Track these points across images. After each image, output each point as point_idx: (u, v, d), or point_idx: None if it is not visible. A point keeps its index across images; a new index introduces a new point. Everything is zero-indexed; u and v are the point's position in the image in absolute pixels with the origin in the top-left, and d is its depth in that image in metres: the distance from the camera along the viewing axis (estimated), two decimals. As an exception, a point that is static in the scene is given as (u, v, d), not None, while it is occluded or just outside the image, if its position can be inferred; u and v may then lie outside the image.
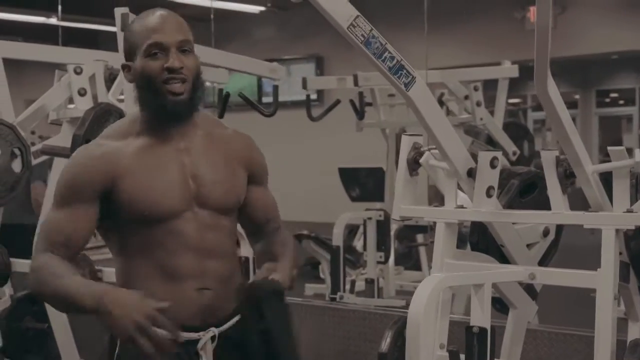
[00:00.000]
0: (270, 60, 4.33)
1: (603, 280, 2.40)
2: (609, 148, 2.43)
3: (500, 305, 2.94)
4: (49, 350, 4.25)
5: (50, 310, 3.66)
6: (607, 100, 11.66)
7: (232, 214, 2.08)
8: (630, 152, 2.43)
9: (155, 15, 1.98)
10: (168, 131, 2.00)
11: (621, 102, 11.59)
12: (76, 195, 1.95)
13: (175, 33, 1.94)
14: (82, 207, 1.95)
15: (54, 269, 1.91)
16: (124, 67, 2.02)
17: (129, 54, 1.99)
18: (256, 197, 2.15)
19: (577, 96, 11.50)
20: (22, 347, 4.27)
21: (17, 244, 3.55)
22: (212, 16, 6.44)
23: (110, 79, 3.57)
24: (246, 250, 3.41)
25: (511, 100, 7.56)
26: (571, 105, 11.61)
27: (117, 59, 3.23)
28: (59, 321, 3.68)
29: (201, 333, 1.98)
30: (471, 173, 2.63)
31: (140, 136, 2.00)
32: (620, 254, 2.53)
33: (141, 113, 2.01)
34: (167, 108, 1.94)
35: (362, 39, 2.35)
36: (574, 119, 9.17)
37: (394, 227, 5.00)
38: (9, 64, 3.59)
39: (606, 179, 2.56)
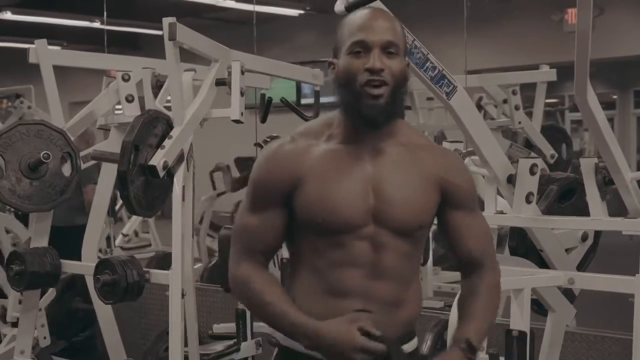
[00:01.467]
0: (310, 62, 4.38)
1: (641, 285, 2.44)
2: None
3: (538, 307, 2.99)
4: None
5: (99, 313, 3.75)
6: (646, 100, 11.56)
7: (415, 237, 1.90)
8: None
9: (366, 13, 1.88)
10: (361, 137, 1.87)
11: (660, 102, 11.50)
12: (268, 197, 1.89)
13: (382, 33, 1.82)
14: (274, 210, 1.88)
15: (261, 288, 1.88)
16: (329, 64, 1.90)
17: (335, 52, 1.88)
18: (456, 224, 1.94)
19: (615, 97, 11.42)
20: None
21: (69, 245, 3.66)
22: (254, 20, 6.50)
23: (157, 86, 3.64)
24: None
25: (548, 101, 7.54)
26: (609, 106, 11.54)
27: (164, 66, 3.33)
28: (107, 324, 3.77)
29: None
30: (511, 179, 2.69)
31: (331, 139, 1.89)
32: (658, 259, 2.57)
33: (338, 114, 1.90)
34: (362, 111, 1.82)
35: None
36: (611, 120, 9.13)
37: (432, 228, 5.03)
38: (54, 67, 3.66)
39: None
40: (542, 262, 2.89)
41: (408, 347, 1.91)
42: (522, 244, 2.90)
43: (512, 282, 2.50)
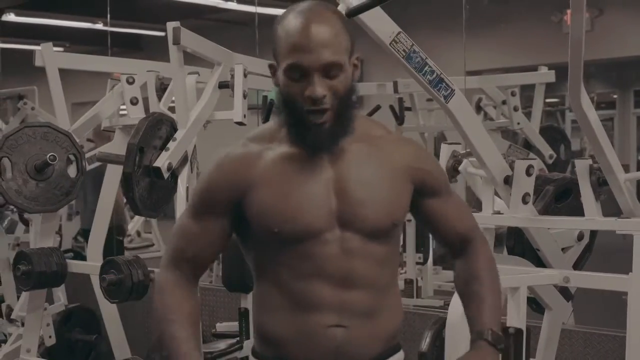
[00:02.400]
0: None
1: (634, 283, 2.50)
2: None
3: (536, 305, 3.05)
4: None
5: (104, 312, 3.81)
6: (646, 100, 11.59)
7: (388, 239, 1.74)
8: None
9: (302, 21, 1.63)
10: None
11: (660, 101, 11.52)
12: (211, 205, 1.74)
13: (319, 52, 1.60)
14: (215, 220, 1.73)
15: (171, 303, 1.75)
16: (270, 66, 1.72)
17: (274, 55, 1.69)
18: (435, 211, 1.81)
19: (615, 96, 11.44)
20: (69, 355, 4.47)
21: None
22: (256, 22, 6.54)
23: (161, 89, 3.70)
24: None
25: (549, 100, 7.60)
26: (609, 105, 11.56)
27: (168, 69, 3.39)
28: (112, 323, 3.83)
29: None
30: (508, 180, 2.75)
31: (284, 142, 1.71)
32: (652, 258, 2.63)
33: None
34: (307, 138, 1.66)
35: (404, 53, 2.47)
36: (611, 120, 9.14)
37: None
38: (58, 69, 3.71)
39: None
40: (539, 261, 2.95)
41: None
42: (519, 243, 2.95)
43: (509, 281, 2.56)
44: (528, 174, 2.70)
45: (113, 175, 3.72)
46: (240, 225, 1.75)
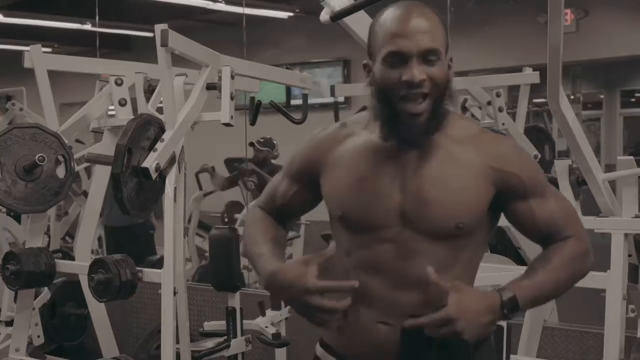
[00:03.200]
0: (299, 64, 4.46)
1: (612, 281, 2.56)
2: (618, 158, 2.59)
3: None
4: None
5: (92, 311, 3.84)
6: (632, 100, 11.66)
7: (454, 241, 1.67)
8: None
9: (400, 13, 1.66)
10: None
11: (646, 102, 11.60)
12: (295, 175, 1.85)
13: (419, 39, 1.61)
14: (296, 186, 1.85)
15: (257, 229, 1.85)
16: (364, 66, 1.73)
17: (370, 53, 1.71)
18: (522, 213, 1.71)
19: (601, 96, 11.52)
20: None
21: (122, 245, 3.71)
22: (244, 23, 6.58)
23: (149, 90, 3.73)
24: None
25: (536, 101, 7.65)
26: (596, 105, 11.65)
27: (155, 70, 3.42)
28: (100, 322, 3.86)
29: None
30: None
31: (373, 132, 1.71)
32: (630, 256, 2.69)
33: None
34: (400, 130, 1.64)
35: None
36: (598, 120, 9.22)
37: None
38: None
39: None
40: (521, 260, 3.00)
41: None
42: (501, 242, 3.01)
43: (490, 278, 2.60)
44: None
45: (102, 176, 3.75)
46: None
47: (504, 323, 2.58)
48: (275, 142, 6.63)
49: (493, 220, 1.76)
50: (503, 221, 1.80)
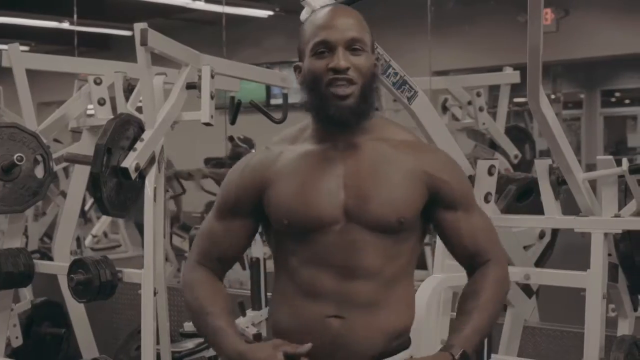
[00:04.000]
0: (279, 63, 4.45)
1: (592, 280, 2.57)
2: (597, 158, 2.60)
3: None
4: (65, 354, 4.44)
5: (72, 312, 3.82)
6: (612, 99, 11.75)
7: (397, 234, 1.75)
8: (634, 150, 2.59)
9: (327, 11, 1.78)
10: (335, 137, 1.77)
11: (626, 101, 11.68)
12: (231, 209, 1.85)
13: (345, 30, 1.72)
14: (239, 220, 1.84)
15: (206, 295, 1.84)
16: (295, 68, 1.81)
17: (300, 54, 1.79)
18: (448, 224, 1.80)
19: (582, 96, 11.59)
20: (39, 352, 4.46)
21: None
22: (224, 22, 6.57)
23: (128, 90, 3.71)
24: (257, 250, 3.59)
25: (517, 100, 7.69)
26: (576, 105, 11.72)
27: (135, 69, 3.40)
28: (79, 323, 3.84)
29: None
30: (470, 180, 2.80)
31: (305, 142, 1.81)
32: (610, 255, 2.70)
33: (311, 117, 1.81)
34: (329, 113, 1.72)
35: (367, 55, 2.51)
36: (578, 119, 9.25)
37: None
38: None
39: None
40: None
41: None
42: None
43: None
44: (490, 173, 2.76)
45: (80, 175, 3.72)
46: (263, 220, 1.84)
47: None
48: (254, 143, 6.57)
49: (425, 226, 1.85)
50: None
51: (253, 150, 6.48)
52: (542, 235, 3.11)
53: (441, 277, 2.64)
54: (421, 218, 1.80)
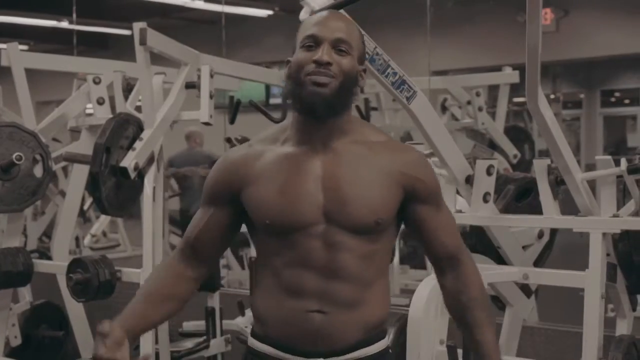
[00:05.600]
0: (279, 62, 4.45)
1: (590, 280, 2.57)
2: (596, 158, 2.60)
3: (501, 303, 3.11)
4: (63, 356, 4.44)
5: (70, 312, 3.82)
6: (612, 99, 11.74)
7: (374, 236, 1.84)
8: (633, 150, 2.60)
9: (323, 13, 1.91)
10: (313, 138, 1.83)
11: (626, 101, 11.68)
12: (211, 198, 1.92)
13: (334, 30, 1.81)
14: (214, 211, 1.91)
15: (147, 280, 2.01)
16: (286, 62, 1.88)
17: (293, 51, 1.86)
18: (424, 219, 1.89)
19: (581, 96, 11.59)
20: (37, 354, 4.46)
21: None
22: (223, 21, 6.56)
23: (127, 89, 3.71)
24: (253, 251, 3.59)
25: (516, 100, 7.68)
26: (576, 105, 11.71)
27: (134, 69, 3.40)
28: (78, 322, 3.84)
29: None
30: (469, 180, 2.80)
31: (285, 143, 1.87)
32: (608, 255, 2.70)
33: (293, 117, 1.88)
34: (304, 97, 1.79)
35: (367, 56, 2.51)
36: (578, 119, 9.22)
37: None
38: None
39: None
40: (500, 259, 3.00)
41: (371, 350, 1.87)
42: (480, 241, 3.01)
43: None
44: (488, 173, 2.76)
45: (80, 175, 3.73)
46: (245, 217, 1.90)
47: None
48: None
49: (399, 223, 1.93)
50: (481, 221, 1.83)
51: None
52: (540, 235, 3.10)
53: (440, 277, 2.63)
54: (395, 217, 1.88)
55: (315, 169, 1.82)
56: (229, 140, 6.45)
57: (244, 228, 1.96)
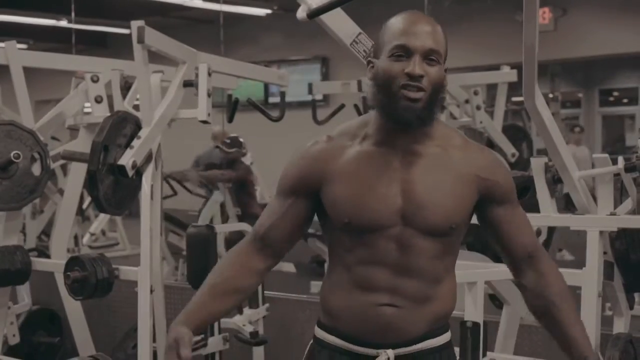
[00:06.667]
0: (277, 61, 4.46)
1: (587, 278, 2.57)
2: (593, 156, 2.61)
3: (499, 301, 3.11)
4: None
5: (68, 310, 3.81)
6: (611, 99, 11.77)
7: (446, 238, 1.87)
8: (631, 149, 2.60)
9: (410, 17, 1.86)
10: (395, 140, 1.86)
11: (624, 100, 11.71)
12: (290, 190, 1.93)
13: (424, 39, 1.81)
14: (292, 202, 1.93)
15: (212, 272, 1.97)
16: (368, 62, 1.90)
17: (376, 51, 1.89)
18: (501, 219, 1.92)
19: (580, 95, 11.61)
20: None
21: None
22: (221, 20, 6.56)
23: (125, 87, 3.71)
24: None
25: (515, 99, 7.70)
26: (574, 104, 11.74)
27: (132, 67, 3.40)
28: (76, 320, 3.84)
29: (380, 351, 1.87)
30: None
31: (365, 140, 1.89)
32: (605, 253, 2.70)
33: (374, 115, 1.89)
34: (398, 112, 1.80)
35: (364, 54, 2.53)
36: (577, 118, 9.25)
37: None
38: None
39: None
40: (498, 257, 3.00)
41: (435, 342, 1.91)
42: (478, 239, 3.01)
43: (467, 276, 2.62)
44: (486, 172, 2.76)
45: (78, 173, 3.73)
46: (320, 211, 1.92)
47: (480, 320, 2.59)
48: (241, 139, 6.51)
49: (469, 220, 1.95)
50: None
51: (244, 150, 6.47)
52: (538, 233, 3.10)
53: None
54: (467, 217, 1.91)
55: (394, 171, 1.85)
56: (218, 147, 6.46)
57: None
